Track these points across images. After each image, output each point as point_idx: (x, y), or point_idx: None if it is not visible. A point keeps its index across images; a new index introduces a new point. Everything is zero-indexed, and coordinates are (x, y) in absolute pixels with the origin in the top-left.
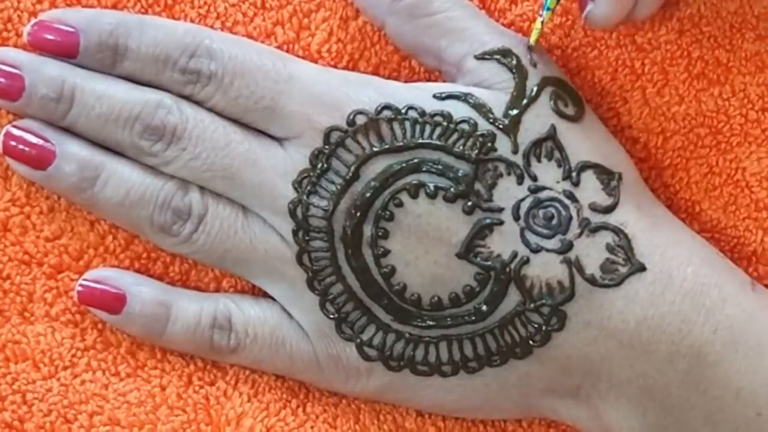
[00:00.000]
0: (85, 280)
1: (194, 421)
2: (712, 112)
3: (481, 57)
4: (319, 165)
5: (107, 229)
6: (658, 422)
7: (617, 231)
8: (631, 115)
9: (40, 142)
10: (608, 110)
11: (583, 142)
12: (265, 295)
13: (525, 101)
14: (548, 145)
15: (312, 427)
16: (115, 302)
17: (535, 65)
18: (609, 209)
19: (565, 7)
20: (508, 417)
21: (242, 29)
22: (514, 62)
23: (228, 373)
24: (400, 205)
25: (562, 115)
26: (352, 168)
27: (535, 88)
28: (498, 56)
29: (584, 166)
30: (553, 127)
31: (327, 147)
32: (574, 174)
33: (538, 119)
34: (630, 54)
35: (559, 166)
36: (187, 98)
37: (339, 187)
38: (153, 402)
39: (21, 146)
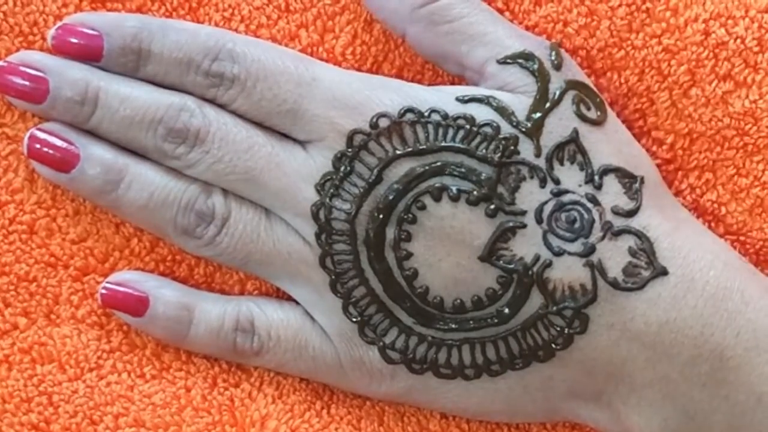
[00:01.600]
0: (108, 283)
1: (219, 423)
2: (739, 114)
3: (503, 61)
4: (342, 168)
5: (132, 231)
6: (679, 428)
7: (640, 234)
8: (657, 116)
9: (65, 145)
10: (634, 111)
11: (606, 145)
12: (289, 298)
13: (548, 105)
14: (571, 148)
15: (336, 429)
16: (138, 305)
17: (558, 68)
18: (631, 213)
19: (590, 8)
20: (531, 421)
21: (266, 32)
22: (536, 66)
23: (252, 374)
24: (423, 208)
25: (584, 118)
26: (375, 171)
27: (557, 92)
28: (520, 60)
29: (606, 170)
30: (576, 131)
31: (350, 150)
32: (596, 177)
33: (561, 123)
34: (656, 55)
35: (582, 169)
36: (210, 102)
37: (362, 189)
38: (178, 404)
39: (45, 149)
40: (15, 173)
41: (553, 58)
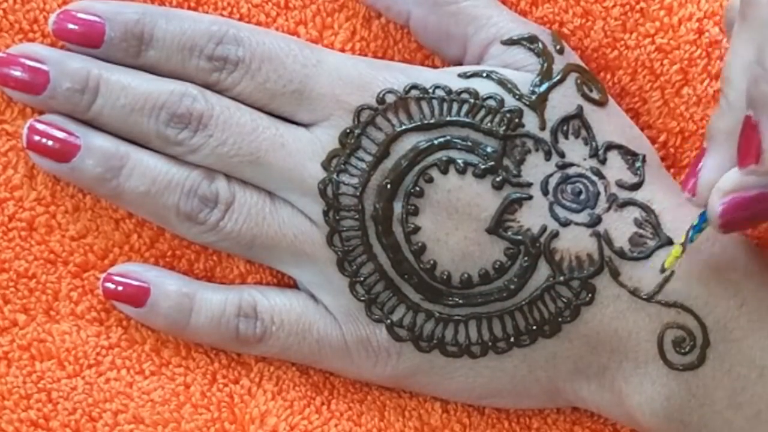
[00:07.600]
0: (109, 274)
1: (218, 420)
2: None
3: (508, 42)
4: (349, 143)
5: (132, 227)
6: (681, 407)
7: (644, 207)
8: (650, 115)
9: (64, 135)
10: (628, 110)
11: (608, 124)
12: (291, 287)
13: (552, 80)
14: (575, 123)
15: (336, 425)
16: (139, 294)
17: (560, 53)
18: (635, 186)
19: (585, 8)
20: (535, 405)
21: None
22: (540, 47)
23: (252, 370)
24: (431, 180)
25: (587, 97)
26: (383, 144)
27: (561, 72)
28: (525, 42)
29: (610, 146)
30: (580, 107)
31: (357, 126)
32: (600, 152)
33: (565, 99)
34: (649, 55)
35: (586, 144)
36: (211, 88)
37: (369, 164)
38: (177, 400)
39: (45, 140)
40: (14, 170)
41: (555, 44)
